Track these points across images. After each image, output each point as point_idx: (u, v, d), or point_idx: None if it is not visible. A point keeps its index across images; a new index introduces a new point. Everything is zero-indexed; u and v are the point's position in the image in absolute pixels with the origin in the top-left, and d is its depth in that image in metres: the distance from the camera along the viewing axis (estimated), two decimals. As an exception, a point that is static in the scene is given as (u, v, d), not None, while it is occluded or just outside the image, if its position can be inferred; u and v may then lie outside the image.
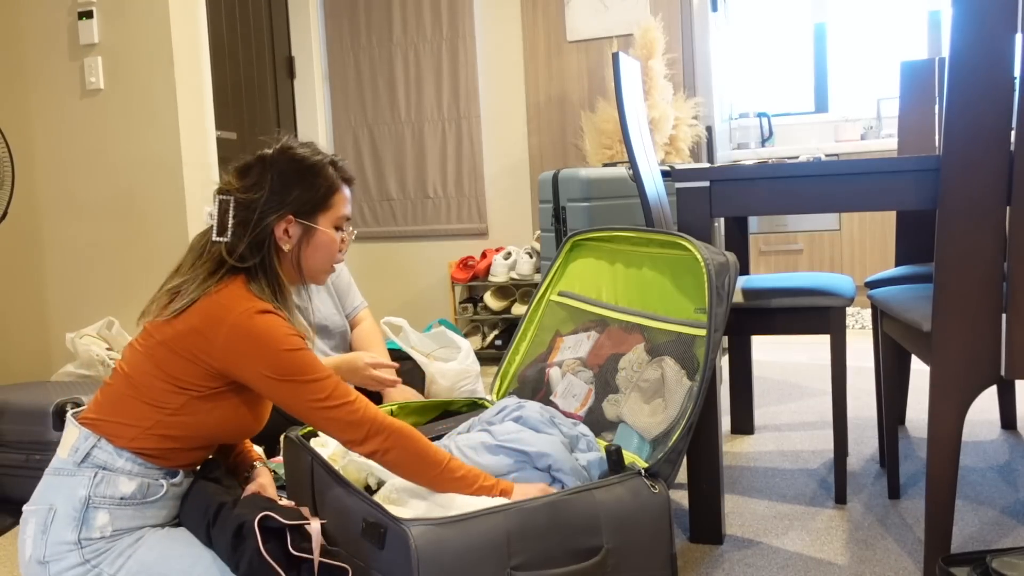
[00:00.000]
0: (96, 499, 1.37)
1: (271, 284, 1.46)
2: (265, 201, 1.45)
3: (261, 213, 1.45)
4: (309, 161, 1.50)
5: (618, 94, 2.30)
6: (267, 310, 1.39)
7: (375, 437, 1.39)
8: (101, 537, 1.36)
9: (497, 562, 1.28)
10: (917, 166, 1.71)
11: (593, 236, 1.97)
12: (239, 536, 1.31)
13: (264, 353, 1.36)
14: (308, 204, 1.49)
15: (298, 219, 1.48)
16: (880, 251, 4.34)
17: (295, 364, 1.37)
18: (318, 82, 4.58)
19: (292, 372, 1.37)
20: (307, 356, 1.39)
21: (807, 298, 2.10)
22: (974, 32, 1.53)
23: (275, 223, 1.46)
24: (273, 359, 1.36)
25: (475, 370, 2.60)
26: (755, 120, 5.05)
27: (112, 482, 1.38)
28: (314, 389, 1.38)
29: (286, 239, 1.48)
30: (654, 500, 1.45)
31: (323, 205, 1.50)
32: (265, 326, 1.37)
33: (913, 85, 2.79)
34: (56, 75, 3.29)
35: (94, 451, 1.39)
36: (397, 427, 1.41)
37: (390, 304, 4.65)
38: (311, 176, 1.49)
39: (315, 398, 1.38)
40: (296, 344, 1.38)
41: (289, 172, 1.48)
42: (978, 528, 1.92)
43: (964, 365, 1.62)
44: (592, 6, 4.17)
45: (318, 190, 1.49)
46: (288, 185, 1.47)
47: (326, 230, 1.51)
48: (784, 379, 3.43)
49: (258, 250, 1.45)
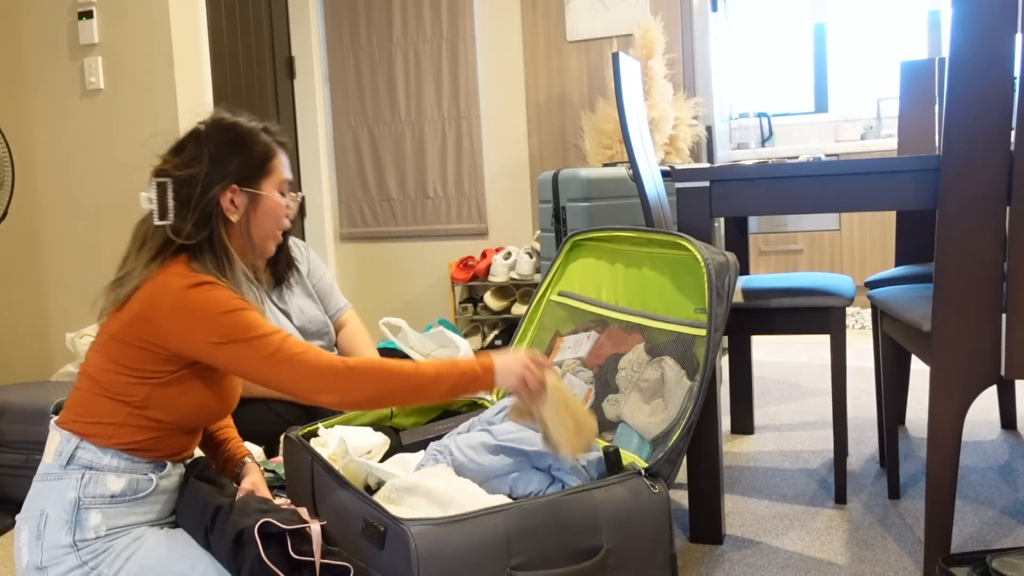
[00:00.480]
0: (86, 500, 1.36)
1: (218, 258, 1.44)
2: (207, 174, 1.44)
3: (204, 187, 1.43)
4: (243, 128, 1.49)
5: (618, 94, 2.30)
6: (206, 281, 1.38)
7: (335, 384, 1.35)
8: (96, 537, 1.36)
9: (497, 562, 1.28)
10: (917, 166, 1.71)
11: (593, 236, 1.97)
12: (239, 543, 1.30)
13: (204, 320, 1.35)
14: (249, 171, 1.48)
15: (242, 187, 1.47)
16: (880, 251, 4.34)
17: (236, 324, 1.35)
18: (318, 82, 4.58)
19: (235, 332, 1.34)
20: (249, 315, 1.37)
21: (807, 298, 2.10)
22: (974, 32, 1.53)
23: (220, 194, 1.44)
24: (213, 323, 1.34)
25: (475, 370, 2.60)
26: (755, 120, 5.05)
27: (100, 481, 1.37)
28: (261, 345, 1.35)
29: (233, 209, 1.46)
30: (654, 500, 1.45)
31: (263, 170, 1.49)
32: (203, 295, 1.36)
33: (913, 85, 2.79)
34: (56, 75, 3.29)
35: (78, 452, 1.38)
36: (355, 366, 1.37)
37: (390, 304, 4.65)
38: (248, 143, 1.48)
39: (265, 354, 1.34)
40: (236, 305, 1.36)
41: (225, 142, 1.47)
42: (978, 528, 1.92)
43: (964, 365, 1.62)
44: (592, 6, 4.17)
45: (257, 156, 1.48)
46: (227, 154, 1.46)
47: (271, 195, 1.50)
48: (784, 379, 3.43)
49: (205, 225, 1.43)
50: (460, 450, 1.56)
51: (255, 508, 1.36)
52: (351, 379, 1.36)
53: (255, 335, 1.35)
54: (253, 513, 1.33)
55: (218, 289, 1.38)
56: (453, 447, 1.58)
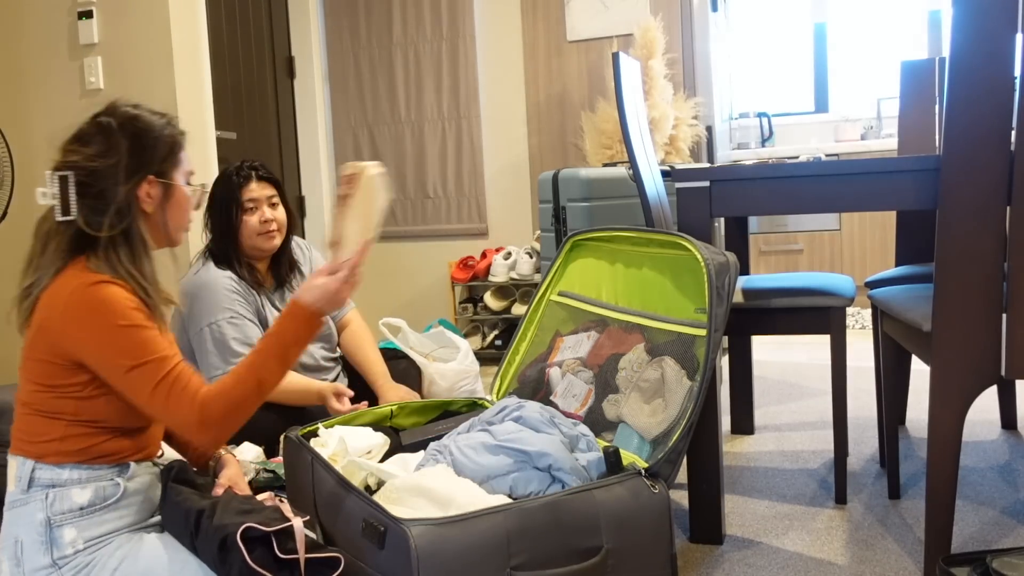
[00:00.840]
0: (56, 518, 1.34)
1: (134, 251, 1.40)
2: (125, 165, 1.40)
3: (122, 178, 1.39)
4: (150, 118, 1.46)
5: (618, 94, 2.30)
6: (100, 281, 1.34)
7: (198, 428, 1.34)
8: (76, 552, 1.34)
9: (497, 562, 1.28)
10: (917, 166, 1.71)
11: (593, 236, 1.97)
12: (224, 549, 1.28)
13: (99, 325, 1.31)
14: (163, 162, 1.45)
15: (158, 179, 1.44)
16: (880, 251, 4.34)
17: (130, 342, 1.32)
18: (318, 82, 4.58)
19: (127, 350, 1.31)
20: (146, 333, 1.33)
21: (807, 298, 2.10)
22: (974, 32, 1.53)
23: (137, 185, 1.41)
24: (107, 332, 1.31)
25: (474, 370, 2.60)
26: (755, 120, 5.05)
27: (65, 497, 1.35)
28: (150, 370, 1.32)
29: (149, 201, 1.43)
30: (654, 500, 1.45)
31: (173, 161, 1.47)
32: (101, 296, 1.32)
33: (913, 85, 2.79)
34: (56, 75, 3.29)
35: (36, 474, 1.36)
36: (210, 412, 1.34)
37: (390, 304, 4.65)
38: (158, 133, 1.45)
39: (150, 381, 1.32)
40: (134, 320, 1.33)
41: (138, 133, 1.43)
42: (978, 528, 1.92)
43: (964, 365, 1.62)
44: (592, 6, 4.17)
45: (167, 147, 1.45)
46: (142, 145, 1.42)
47: (182, 186, 1.48)
48: (784, 379, 3.43)
49: (123, 217, 1.40)
50: (460, 450, 1.56)
51: (236, 510, 1.33)
52: (221, 430, 1.35)
53: (146, 360, 1.32)
54: (235, 516, 1.31)
55: (118, 291, 1.34)
56: (453, 447, 1.58)
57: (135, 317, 1.34)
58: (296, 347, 1.42)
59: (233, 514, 1.32)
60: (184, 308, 2.21)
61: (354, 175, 1.48)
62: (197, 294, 2.20)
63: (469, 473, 1.51)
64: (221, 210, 2.26)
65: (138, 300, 1.37)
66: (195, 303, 2.20)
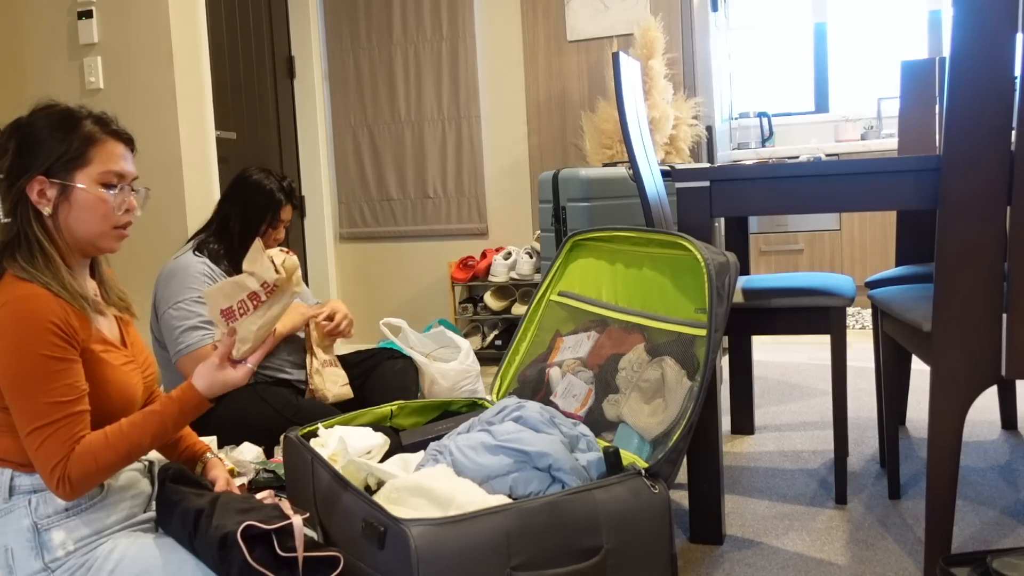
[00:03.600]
0: (42, 521, 1.34)
1: (33, 255, 1.36)
2: (11, 164, 1.36)
3: (10, 179, 1.36)
4: (60, 116, 1.39)
5: (618, 94, 2.30)
6: (16, 297, 1.30)
7: (60, 489, 1.30)
8: (67, 554, 1.34)
9: (497, 562, 1.27)
10: (917, 166, 1.71)
11: (593, 236, 1.97)
12: (224, 548, 1.28)
13: (8, 349, 1.28)
14: (60, 161, 1.37)
15: (51, 179, 1.37)
16: (880, 251, 4.34)
17: (29, 375, 1.28)
18: (318, 82, 4.58)
19: (22, 382, 1.28)
20: (48, 369, 1.29)
21: (807, 298, 2.10)
22: (975, 32, 1.53)
23: (26, 185, 1.36)
24: (13, 361, 1.28)
25: (475, 370, 2.60)
26: (755, 120, 5.05)
27: (49, 499, 1.34)
28: (34, 411, 1.28)
29: (44, 202, 1.37)
30: (654, 500, 1.45)
31: (79, 160, 1.38)
32: (18, 317, 1.28)
33: (913, 85, 2.79)
34: (56, 75, 3.29)
35: (15, 482, 1.35)
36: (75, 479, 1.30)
37: (390, 304, 4.65)
38: (62, 130, 1.38)
39: (31, 422, 1.28)
40: (43, 350, 1.28)
41: (35, 131, 1.38)
42: (979, 528, 1.92)
43: (964, 365, 1.62)
44: (592, 6, 4.17)
45: (70, 144, 1.38)
46: (36, 143, 1.37)
47: (87, 188, 1.39)
48: (784, 379, 3.43)
49: (15, 219, 1.37)
50: (460, 450, 1.56)
51: (236, 509, 1.33)
52: (76, 489, 1.30)
53: (37, 400, 1.28)
54: (235, 515, 1.30)
55: (39, 308, 1.30)
56: (453, 447, 1.58)
57: (45, 347, 1.29)
58: (175, 428, 1.39)
59: (233, 513, 1.32)
60: (156, 292, 2.26)
61: (277, 286, 1.40)
62: (170, 277, 2.25)
63: (469, 473, 1.51)
64: (252, 218, 2.29)
65: (57, 308, 1.32)
66: (166, 286, 2.25)
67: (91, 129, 1.41)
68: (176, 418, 1.38)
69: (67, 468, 1.30)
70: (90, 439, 1.33)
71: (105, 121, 1.44)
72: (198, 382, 1.40)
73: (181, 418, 1.39)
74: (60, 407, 1.30)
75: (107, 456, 1.33)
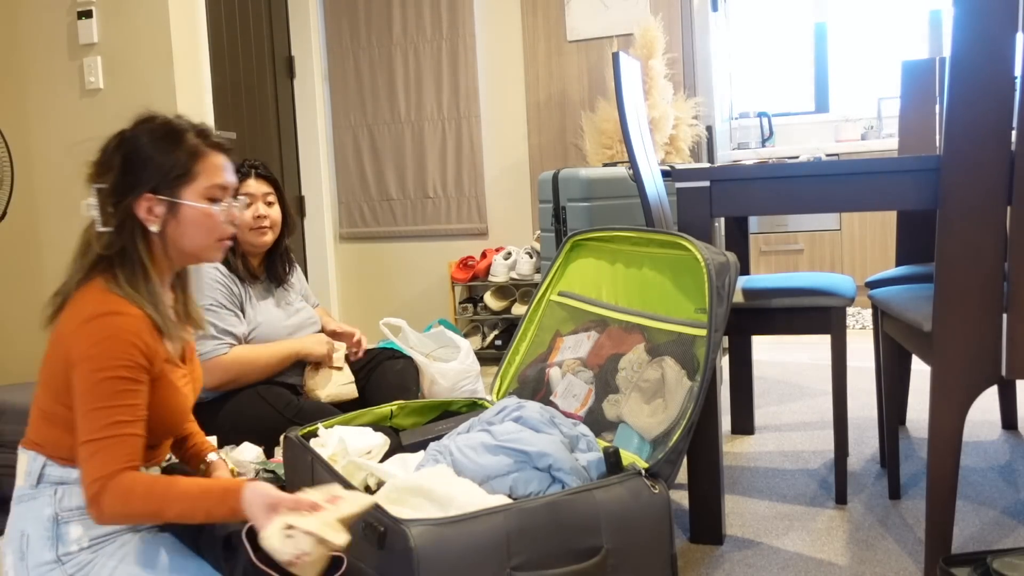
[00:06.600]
0: (63, 514, 1.34)
1: (134, 272, 1.35)
2: (117, 182, 1.35)
3: (117, 195, 1.35)
4: (164, 130, 1.38)
5: (618, 94, 2.29)
6: (112, 311, 1.30)
7: (95, 512, 1.27)
8: (80, 549, 1.34)
9: (497, 562, 1.27)
10: (917, 166, 1.71)
11: (593, 236, 1.97)
12: (229, 547, 1.28)
13: (88, 359, 1.28)
14: (167, 177, 1.36)
15: (158, 195, 1.36)
16: (880, 251, 4.34)
17: (100, 389, 1.27)
18: (318, 82, 4.58)
19: (94, 394, 1.27)
20: (119, 388, 1.28)
21: (807, 298, 2.10)
22: (975, 32, 1.52)
23: (134, 203, 1.35)
24: (89, 372, 1.28)
25: (475, 370, 2.60)
26: (755, 120, 5.05)
27: (74, 494, 1.35)
28: (95, 423, 1.27)
29: (152, 219, 1.37)
30: (654, 500, 1.44)
31: (186, 176, 1.37)
32: (103, 334, 1.28)
33: (914, 85, 2.79)
34: (55, 75, 3.29)
35: (46, 471, 1.36)
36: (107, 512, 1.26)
37: (390, 304, 4.65)
38: (168, 146, 1.37)
39: (88, 432, 1.27)
40: (118, 372, 1.28)
41: (142, 146, 1.36)
42: (979, 528, 1.92)
43: (965, 365, 1.62)
44: (592, 6, 4.17)
45: (177, 160, 1.37)
46: (142, 159, 1.36)
47: (195, 204, 1.38)
48: (784, 379, 3.43)
49: (120, 235, 1.36)
50: (460, 450, 1.56)
51: None
52: (103, 517, 1.28)
53: (102, 413, 1.27)
54: None
55: (124, 327, 1.29)
56: (453, 447, 1.58)
57: (120, 367, 1.29)
58: (205, 516, 1.27)
59: None
60: None
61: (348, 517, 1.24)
62: None
63: (469, 473, 1.51)
64: None
65: (146, 330, 1.33)
66: None
67: (195, 143, 1.39)
68: (213, 507, 1.27)
69: (103, 493, 1.26)
70: (134, 479, 1.28)
71: (206, 133, 1.42)
72: (248, 494, 1.25)
73: (217, 509, 1.27)
74: (118, 426, 1.28)
75: (138, 506, 1.27)
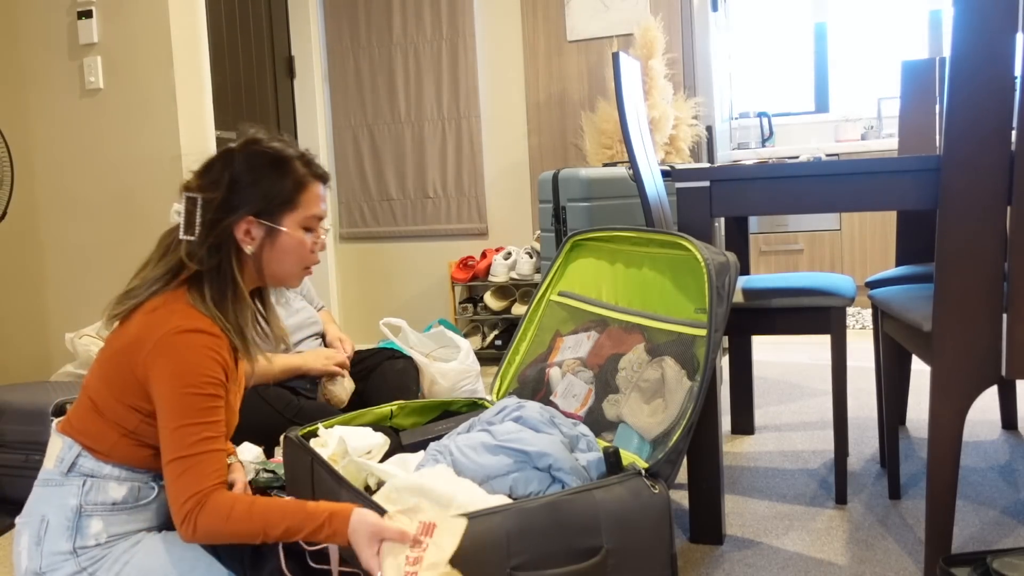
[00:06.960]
0: (88, 507, 1.35)
1: (223, 290, 1.36)
2: (223, 200, 1.35)
3: (219, 213, 1.35)
4: (273, 156, 1.39)
5: (618, 94, 2.29)
6: (198, 329, 1.30)
7: (186, 529, 1.26)
8: (96, 544, 1.35)
9: (497, 562, 1.27)
10: (917, 166, 1.71)
11: (593, 236, 1.97)
12: (258, 554, 1.29)
13: (171, 378, 1.28)
14: (271, 203, 1.38)
15: (260, 219, 1.38)
16: (880, 251, 4.34)
17: (186, 406, 1.28)
18: (318, 82, 4.58)
19: (179, 411, 1.27)
20: (205, 405, 1.28)
21: (807, 298, 2.10)
22: (975, 32, 1.52)
23: (234, 224, 1.36)
24: (174, 391, 1.28)
25: (475, 370, 2.60)
26: (755, 120, 5.05)
27: (102, 488, 1.36)
28: (183, 441, 1.27)
29: (248, 241, 1.38)
30: (654, 500, 1.44)
31: (289, 204, 1.39)
32: (185, 354, 1.28)
33: (914, 85, 2.79)
34: (55, 75, 3.29)
35: (79, 460, 1.36)
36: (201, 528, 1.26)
37: (390, 304, 4.65)
38: (275, 172, 1.38)
39: (177, 450, 1.27)
40: (203, 388, 1.29)
41: (250, 168, 1.37)
42: (979, 528, 1.92)
43: (965, 365, 1.62)
44: (592, 6, 4.17)
45: (283, 188, 1.38)
46: (249, 182, 1.36)
47: (292, 232, 1.40)
48: (784, 379, 3.43)
49: (216, 252, 1.36)
50: (460, 450, 1.56)
51: None
52: (197, 535, 1.27)
53: (190, 431, 1.27)
54: None
55: (204, 346, 1.30)
56: (453, 447, 1.58)
57: (206, 384, 1.29)
58: (307, 537, 1.26)
59: None
60: None
61: None
62: None
63: (469, 473, 1.51)
64: None
65: (226, 349, 1.33)
66: None
67: (301, 172, 1.40)
68: (313, 529, 1.26)
69: (199, 511, 1.26)
70: (233, 498, 1.28)
71: (310, 161, 1.43)
72: (355, 520, 1.25)
73: (315, 531, 1.26)
74: (207, 442, 1.29)
75: (239, 527, 1.26)
